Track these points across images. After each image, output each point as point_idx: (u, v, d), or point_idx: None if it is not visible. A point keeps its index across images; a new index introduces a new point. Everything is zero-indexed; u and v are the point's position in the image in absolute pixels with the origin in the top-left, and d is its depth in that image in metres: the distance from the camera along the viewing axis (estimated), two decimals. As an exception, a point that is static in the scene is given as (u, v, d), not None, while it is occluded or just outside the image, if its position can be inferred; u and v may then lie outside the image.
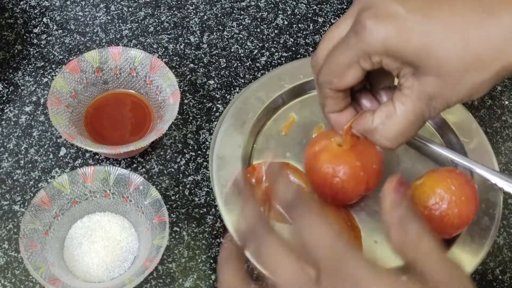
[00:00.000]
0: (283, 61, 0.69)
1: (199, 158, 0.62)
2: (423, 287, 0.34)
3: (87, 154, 0.62)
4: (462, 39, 0.40)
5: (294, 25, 0.72)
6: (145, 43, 0.70)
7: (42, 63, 0.67)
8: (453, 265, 0.35)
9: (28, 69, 0.67)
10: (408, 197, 0.39)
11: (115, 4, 0.72)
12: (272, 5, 0.74)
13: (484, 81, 0.41)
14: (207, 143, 0.63)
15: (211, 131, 0.63)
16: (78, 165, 0.61)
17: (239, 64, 0.69)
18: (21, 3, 0.72)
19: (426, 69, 0.41)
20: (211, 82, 0.67)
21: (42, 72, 0.67)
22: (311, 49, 0.70)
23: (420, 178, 0.53)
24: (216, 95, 0.66)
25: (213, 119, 0.64)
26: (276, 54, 0.70)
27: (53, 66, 0.67)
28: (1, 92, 0.65)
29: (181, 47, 0.69)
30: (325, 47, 0.46)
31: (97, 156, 0.62)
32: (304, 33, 0.72)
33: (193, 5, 0.73)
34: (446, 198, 0.50)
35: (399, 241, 0.36)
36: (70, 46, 0.69)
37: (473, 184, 0.52)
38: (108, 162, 0.61)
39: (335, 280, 0.34)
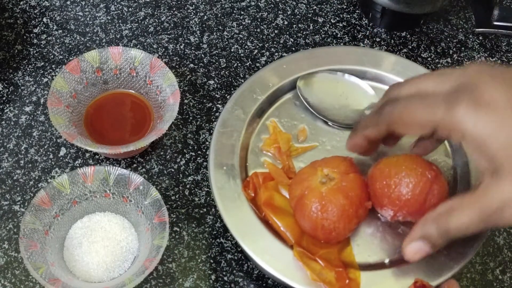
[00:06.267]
0: (283, 61, 0.69)
1: (199, 158, 0.62)
2: None
3: (87, 154, 0.62)
4: None
5: (294, 25, 0.72)
6: (145, 43, 0.70)
7: (42, 63, 0.67)
8: None
9: (28, 69, 0.67)
10: None
11: (115, 4, 0.73)
12: (272, 5, 0.74)
13: None
14: (207, 143, 0.63)
15: (211, 131, 0.63)
16: (78, 165, 0.61)
17: (239, 64, 0.69)
18: (21, 3, 0.72)
19: (505, 170, 0.38)
20: (211, 82, 0.67)
21: (42, 72, 0.67)
22: (311, 49, 0.70)
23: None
24: (216, 95, 0.66)
25: (213, 119, 0.64)
26: (276, 54, 0.70)
27: (53, 66, 0.67)
28: (1, 92, 0.65)
29: (181, 47, 0.69)
30: (409, 87, 0.45)
31: (97, 156, 0.62)
32: (304, 33, 0.72)
33: (193, 5, 0.73)
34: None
35: None
36: (70, 46, 0.69)
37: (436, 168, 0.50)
38: (108, 162, 0.61)
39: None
